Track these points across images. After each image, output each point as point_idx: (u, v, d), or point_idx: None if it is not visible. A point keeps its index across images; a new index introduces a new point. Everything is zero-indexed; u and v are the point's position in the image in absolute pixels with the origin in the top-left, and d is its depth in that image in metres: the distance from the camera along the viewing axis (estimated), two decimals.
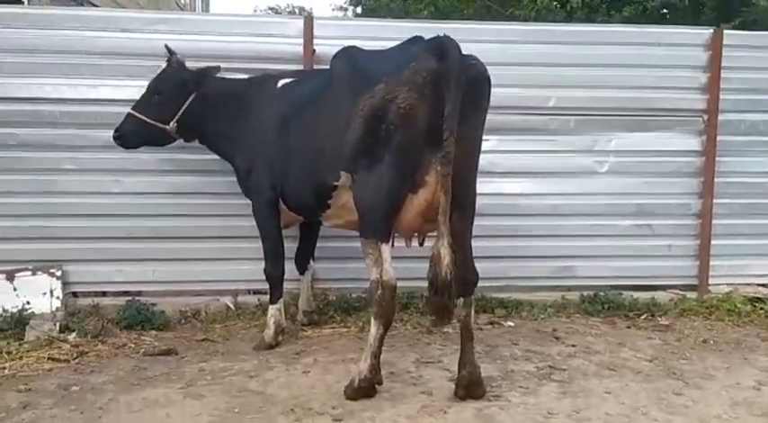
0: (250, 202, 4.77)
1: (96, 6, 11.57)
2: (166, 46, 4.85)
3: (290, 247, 5.07)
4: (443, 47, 3.50)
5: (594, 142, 5.83)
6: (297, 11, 39.93)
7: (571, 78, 5.73)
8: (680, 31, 5.99)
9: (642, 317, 5.47)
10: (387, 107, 3.52)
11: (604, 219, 5.89)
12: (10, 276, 5.20)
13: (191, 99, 4.78)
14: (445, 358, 4.35)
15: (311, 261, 5.21)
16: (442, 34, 3.62)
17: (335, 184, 3.99)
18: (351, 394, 3.72)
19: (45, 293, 5.20)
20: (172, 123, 4.78)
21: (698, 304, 5.71)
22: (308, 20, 5.47)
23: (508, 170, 5.78)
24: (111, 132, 4.83)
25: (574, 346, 4.72)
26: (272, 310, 4.69)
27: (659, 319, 5.43)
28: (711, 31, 5.85)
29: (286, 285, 4.92)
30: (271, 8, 40.37)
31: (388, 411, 3.59)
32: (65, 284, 5.32)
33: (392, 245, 3.74)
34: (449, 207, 3.46)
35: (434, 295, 3.44)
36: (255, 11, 41.26)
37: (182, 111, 4.76)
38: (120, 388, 3.94)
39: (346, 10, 29.31)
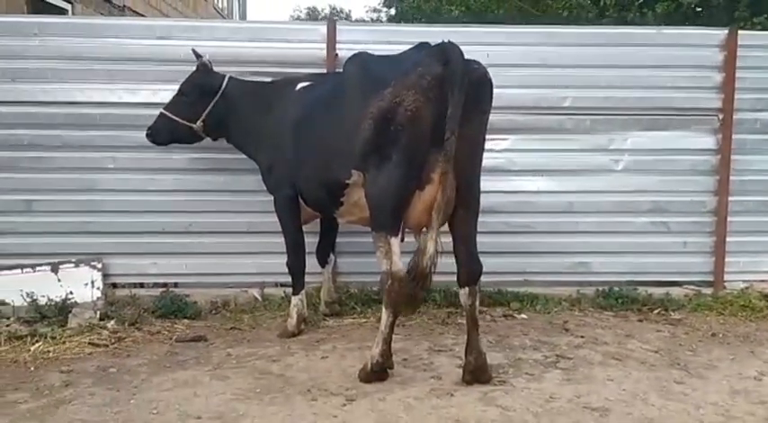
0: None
1: (138, 14, 12.09)
2: (193, 50, 5.19)
3: (312, 241, 5.35)
4: (446, 52, 3.74)
5: (610, 141, 5.98)
6: (336, 11, 40.67)
7: (587, 79, 5.89)
8: (695, 32, 6.11)
9: (655, 311, 5.60)
10: (395, 109, 3.77)
11: (620, 216, 6.03)
12: (55, 268, 5.57)
13: (215, 100, 5.11)
14: (457, 347, 4.57)
15: (331, 254, 5.47)
16: (446, 40, 3.85)
17: (347, 181, 4.22)
18: (364, 377, 3.99)
19: (87, 284, 5.56)
20: (198, 122, 5.15)
21: (712, 300, 5.80)
22: (331, 25, 5.75)
23: (526, 168, 5.98)
24: None
25: (582, 337, 4.90)
26: (294, 300, 4.98)
27: (672, 313, 5.55)
28: (726, 31, 5.95)
29: (309, 278, 5.23)
30: (309, 9, 41.03)
31: (398, 393, 3.84)
32: (105, 276, 5.67)
33: (402, 239, 3.99)
34: (444, 203, 3.72)
35: (410, 282, 3.72)
36: (295, 11, 42.02)
37: (207, 111, 5.13)
38: (153, 370, 4.27)
39: (380, 11, 29.68)
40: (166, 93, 5.53)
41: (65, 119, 5.67)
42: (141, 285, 5.97)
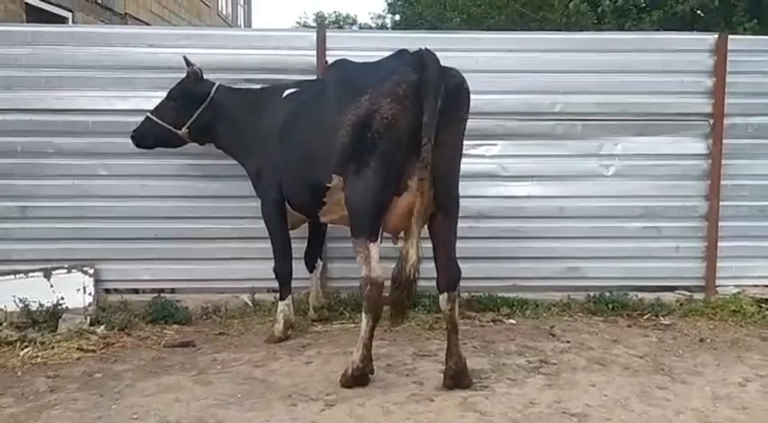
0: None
1: (141, 22, 12.19)
2: (184, 57, 5.24)
3: (300, 246, 5.38)
4: (423, 59, 3.76)
5: (601, 146, 5.98)
6: (341, 19, 40.91)
7: (577, 85, 5.90)
8: (685, 37, 6.12)
9: (645, 317, 5.59)
10: (371, 116, 3.81)
11: (611, 221, 6.02)
12: (47, 274, 5.62)
13: (202, 107, 5.17)
14: (441, 352, 4.50)
15: (319, 260, 5.51)
16: (423, 47, 3.87)
17: (329, 185, 4.26)
18: (345, 382, 4.01)
19: (79, 290, 5.60)
20: (183, 129, 5.21)
21: (704, 305, 5.79)
22: (321, 33, 5.79)
23: (516, 174, 5.99)
24: None
25: (568, 342, 4.90)
26: (281, 305, 5.02)
27: (662, 318, 5.55)
28: (716, 36, 5.94)
29: (299, 284, 5.27)
30: (316, 15, 41.29)
31: (378, 398, 3.86)
32: (97, 282, 5.73)
33: (380, 240, 4.02)
34: (423, 209, 3.74)
35: (394, 290, 3.75)
36: (301, 17, 42.35)
37: (193, 118, 5.19)
38: (138, 375, 4.30)
39: (384, 18, 29.82)
40: (159, 100, 5.59)
41: (58, 126, 5.73)
42: (137, 291, 6.01)
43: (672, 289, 6.10)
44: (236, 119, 5.16)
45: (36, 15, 8.72)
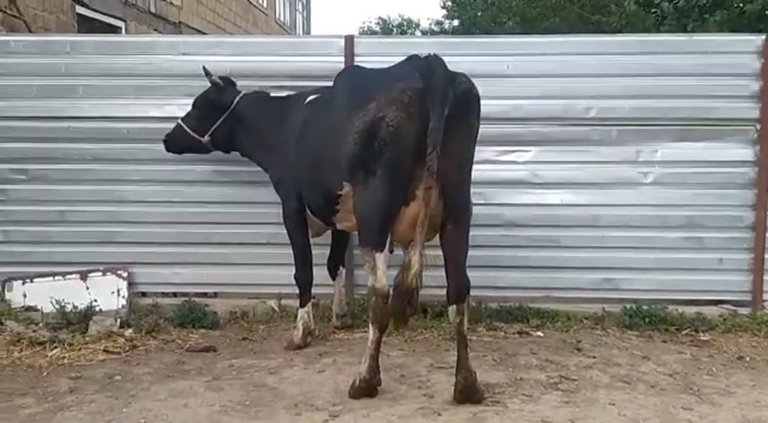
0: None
1: (195, 30, 12.49)
2: (203, 67, 5.29)
3: (320, 253, 5.36)
4: (429, 66, 3.68)
5: (638, 153, 5.74)
6: (405, 23, 41.15)
7: (613, 88, 5.69)
8: (729, 39, 5.84)
9: (683, 332, 5.32)
10: (377, 124, 3.75)
11: (650, 230, 5.77)
12: (84, 276, 5.81)
13: (224, 117, 5.22)
14: None
15: (341, 267, 5.47)
16: (432, 53, 3.78)
17: (340, 193, 4.26)
18: (352, 394, 3.97)
19: (113, 292, 5.77)
20: (206, 136, 5.28)
21: (749, 320, 5.48)
22: (349, 39, 5.77)
23: (550, 181, 5.81)
24: None
25: (594, 357, 4.70)
26: (300, 312, 5.01)
27: (701, 334, 5.26)
28: (764, 37, 5.62)
29: (323, 290, 5.26)
30: (381, 19, 41.68)
31: (384, 410, 3.79)
32: (131, 285, 5.87)
33: (391, 251, 3.97)
34: (427, 219, 3.63)
35: (395, 299, 3.67)
36: (365, 22, 42.78)
37: (215, 127, 5.26)
38: (156, 379, 4.37)
39: (443, 24, 29.85)
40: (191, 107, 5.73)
41: (94, 133, 5.90)
42: (175, 295, 6.10)
43: (715, 303, 5.80)
44: (259, 127, 5.20)
45: (89, 25, 9.02)
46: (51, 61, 5.89)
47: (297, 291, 5.70)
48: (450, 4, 25.69)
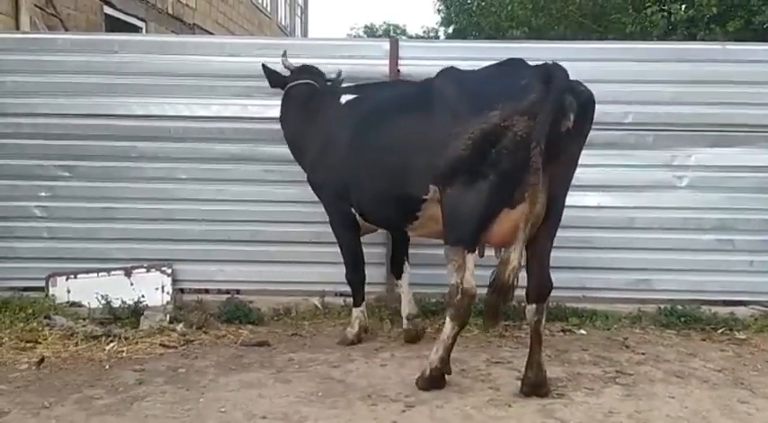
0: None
1: (207, 32, 12.55)
2: (284, 51, 5.40)
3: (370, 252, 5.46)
4: (551, 74, 3.70)
5: (674, 157, 5.92)
6: (391, 30, 41.17)
7: (650, 95, 5.85)
8: (761, 48, 6.00)
9: (719, 331, 5.48)
10: (501, 133, 3.70)
11: (684, 233, 5.94)
12: (128, 273, 5.87)
13: (282, 98, 5.31)
14: (515, 360, 4.59)
15: (406, 264, 5.25)
16: (550, 62, 3.83)
17: (425, 197, 4.14)
18: (422, 384, 4.05)
19: (157, 288, 5.83)
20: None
21: None
22: (394, 42, 5.91)
23: (587, 183, 5.89)
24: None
25: (643, 354, 4.85)
26: (355, 311, 5.09)
27: (737, 333, 5.43)
28: None
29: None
30: (367, 27, 41.69)
31: (456, 402, 3.90)
32: (174, 281, 5.94)
33: (482, 254, 4.04)
34: (534, 219, 3.73)
35: (491, 294, 3.75)
36: (352, 28, 42.76)
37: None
38: (220, 371, 4.45)
39: (437, 30, 29.84)
40: (236, 107, 5.86)
41: (140, 131, 5.97)
42: (207, 291, 6.18)
43: (745, 303, 5.98)
44: (297, 122, 5.17)
45: (113, 25, 9.08)
46: (98, 59, 5.94)
47: (338, 289, 5.87)
48: (445, 9, 25.77)
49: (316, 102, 5.14)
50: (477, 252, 3.97)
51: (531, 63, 3.99)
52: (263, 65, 5.34)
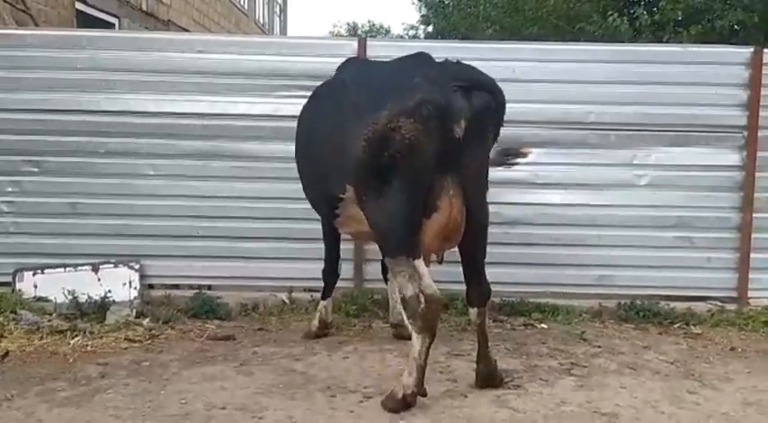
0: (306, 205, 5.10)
1: (182, 29, 12.55)
2: None
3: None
4: (447, 74, 3.64)
5: (634, 156, 6.07)
6: (375, 27, 41.20)
7: (612, 95, 6.00)
8: (721, 50, 6.20)
9: (676, 325, 5.64)
10: (390, 135, 3.54)
11: (643, 230, 6.09)
12: (95, 268, 5.87)
13: None
14: (474, 352, 4.57)
15: None
16: (447, 59, 3.87)
17: (341, 196, 4.02)
18: (392, 406, 3.71)
19: (125, 284, 5.84)
20: None
21: (735, 315, 5.82)
22: (362, 41, 5.99)
23: (550, 181, 6.09)
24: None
25: (600, 347, 4.98)
26: (321, 304, 5.15)
27: (693, 327, 5.59)
28: (752, 49, 6.01)
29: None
30: (349, 25, 41.71)
31: None
32: (142, 277, 5.96)
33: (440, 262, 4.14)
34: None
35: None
36: (335, 26, 42.72)
37: None
38: (183, 365, 4.50)
39: (417, 28, 30.01)
40: (204, 104, 5.90)
41: (109, 127, 5.98)
42: (177, 287, 6.21)
43: (703, 299, 6.15)
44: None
45: (85, 21, 9.06)
46: (68, 55, 5.95)
47: (306, 285, 5.94)
48: (424, 9, 25.92)
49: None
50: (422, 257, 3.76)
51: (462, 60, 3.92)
52: None
